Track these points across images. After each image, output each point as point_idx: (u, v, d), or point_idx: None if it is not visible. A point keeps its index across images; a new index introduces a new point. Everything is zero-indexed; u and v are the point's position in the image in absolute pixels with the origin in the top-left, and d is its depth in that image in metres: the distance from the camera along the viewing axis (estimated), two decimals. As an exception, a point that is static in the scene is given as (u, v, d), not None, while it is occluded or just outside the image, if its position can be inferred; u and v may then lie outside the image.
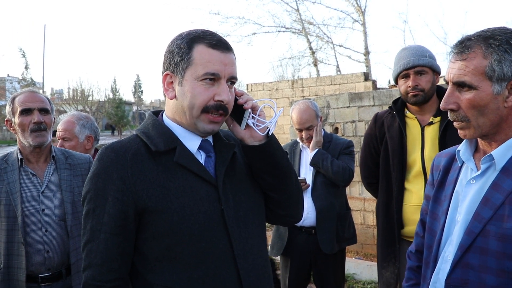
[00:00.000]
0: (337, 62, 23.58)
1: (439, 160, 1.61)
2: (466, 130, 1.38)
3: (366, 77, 10.98)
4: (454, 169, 1.52)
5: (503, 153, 1.34)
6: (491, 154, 1.35)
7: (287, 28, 22.71)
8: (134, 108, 55.59)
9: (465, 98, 1.33)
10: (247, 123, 1.45)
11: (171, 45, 1.40)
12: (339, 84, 11.20)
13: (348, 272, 4.77)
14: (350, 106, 5.87)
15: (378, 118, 2.79)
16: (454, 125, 1.41)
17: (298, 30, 22.52)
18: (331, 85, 11.32)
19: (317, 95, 10.52)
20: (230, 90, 1.39)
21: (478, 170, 1.40)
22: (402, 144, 2.58)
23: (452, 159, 1.55)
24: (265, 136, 1.46)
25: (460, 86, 1.34)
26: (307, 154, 3.22)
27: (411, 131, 2.59)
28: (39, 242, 2.18)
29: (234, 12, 61.99)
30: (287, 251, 3.17)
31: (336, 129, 6.00)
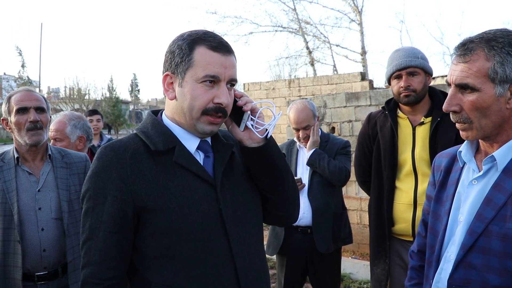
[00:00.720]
0: (334, 61, 23.57)
1: (440, 160, 1.61)
2: (468, 132, 1.38)
3: (363, 77, 11.00)
4: (455, 169, 1.52)
5: (505, 154, 1.35)
6: (493, 155, 1.35)
7: (284, 27, 22.72)
8: (131, 107, 55.43)
9: (467, 100, 1.33)
10: (246, 125, 1.45)
11: (172, 45, 1.39)
12: (336, 83, 11.22)
13: (344, 271, 4.78)
14: (347, 106, 5.87)
15: (371, 118, 2.81)
16: (457, 126, 1.41)
17: (295, 29, 22.54)
18: (328, 84, 11.33)
19: (314, 95, 10.52)
20: (229, 93, 1.39)
21: (480, 171, 1.40)
22: (393, 143, 2.61)
23: (453, 160, 1.55)
24: (263, 138, 1.46)
25: (462, 88, 1.34)
26: (304, 153, 3.23)
27: (403, 131, 2.62)
28: (36, 240, 2.18)
29: (231, 11, 61.91)
30: (283, 250, 3.17)
31: (332, 128, 6.01)
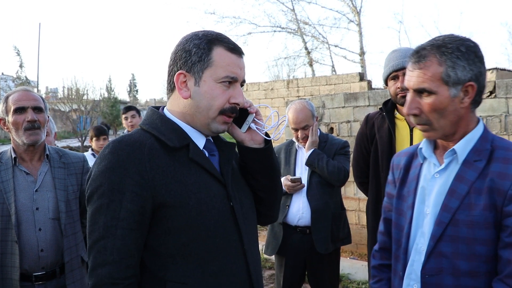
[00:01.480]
0: (332, 62, 23.65)
1: (399, 159, 1.71)
2: (429, 132, 1.48)
3: (361, 77, 11.02)
4: (414, 166, 1.61)
5: (464, 147, 1.45)
6: (454, 148, 1.46)
7: (283, 28, 22.78)
8: (129, 107, 55.35)
9: (426, 103, 1.43)
10: (250, 127, 1.49)
11: (187, 43, 1.38)
12: (335, 84, 11.23)
13: (343, 272, 4.78)
14: (345, 106, 5.87)
15: (369, 118, 2.81)
16: (418, 128, 1.50)
17: (294, 30, 22.59)
18: (327, 85, 11.35)
19: (312, 95, 10.53)
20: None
21: (441, 165, 1.50)
22: (391, 144, 2.60)
23: (411, 157, 1.65)
24: (264, 139, 1.51)
25: (420, 92, 1.44)
26: (303, 153, 3.22)
27: (400, 132, 2.61)
28: (33, 240, 2.18)
29: (229, 11, 62.01)
30: (282, 251, 3.17)
31: (331, 129, 6.01)
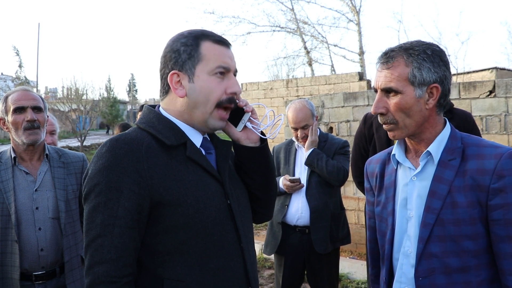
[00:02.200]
0: (331, 61, 23.66)
1: (372, 167, 1.73)
2: (395, 131, 1.51)
3: (361, 76, 11.02)
4: (388, 172, 1.64)
5: (437, 148, 1.49)
6: (428, 150, 1.48)
7: (282, 27, 22.77)
8: (129, 107, 55.45)
9: (392, 102, 1.47)
10: (245, 125, 1.49)
11: (174, 44, 1.40)
12: (334, 83, 11.23)
13: (342, 271, 4.78)
14: (344, 106, 5.88)
15: (367, 118, 2.80)
16: (384, 127, 1.54)
17: (293, 29, 22.58)
18: (326, 84, 11.35)
19: (311, 95, 10.54)
20: None
21: (416, 168, 1.52)
22: (389, 145, 2.60)
23: (384, 164, 1.67)
24: (259, 138, 1.53)
25: (387, 92, 1.47)
26: (302, 153, 3.22)
27: None
28: (33, 240, 2.18)
29: (228, 11, 61.98)
30: (281, 250, 3.17)
31: (330, 128, 6.01)
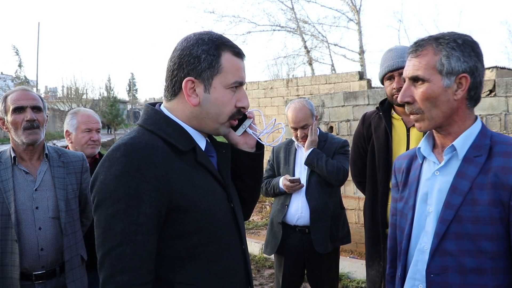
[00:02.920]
0: (332, 61, 23.66)
1: (400, 162, 1.70)
2: (421, 122, 1.48)
3: (361, 76, 11.00)
4: (414, 167, 1.62)
5: (463, 143, 1.45)
6: (453, 144, 1.45)
7: (282, 27, 22.75)
8: (129, 106, 55.40)
9: (419, 91, 1.44)
10: (246, 131, 1.52)
11: (195, 49, 1.35)
12: (334, 83, 11.22)
13: (342, 271, 4.78)
14: (344, 105, 5.88)
15: (366, 118, 2.79)
16: (411, 118, 1.51)
17: (293, 29, 22.57)
18: (326, 84, 11.34)
19: (312, 94, 10.53)
20: None
21: (440, 163, 1.49)
22: (387, 144, 2.59)
23: (411, 160, 1.65)
24: (256, 144, 1.57)
25: (414, 80, 1.46)
26: (302, 153, 3.22)
27: (397, 132, 2.59)
28: (33, 239, 2.18)
29: (229, 10, 62.01)
30: (281, 250, 3.17)
31: (330, 128, 6.01)
